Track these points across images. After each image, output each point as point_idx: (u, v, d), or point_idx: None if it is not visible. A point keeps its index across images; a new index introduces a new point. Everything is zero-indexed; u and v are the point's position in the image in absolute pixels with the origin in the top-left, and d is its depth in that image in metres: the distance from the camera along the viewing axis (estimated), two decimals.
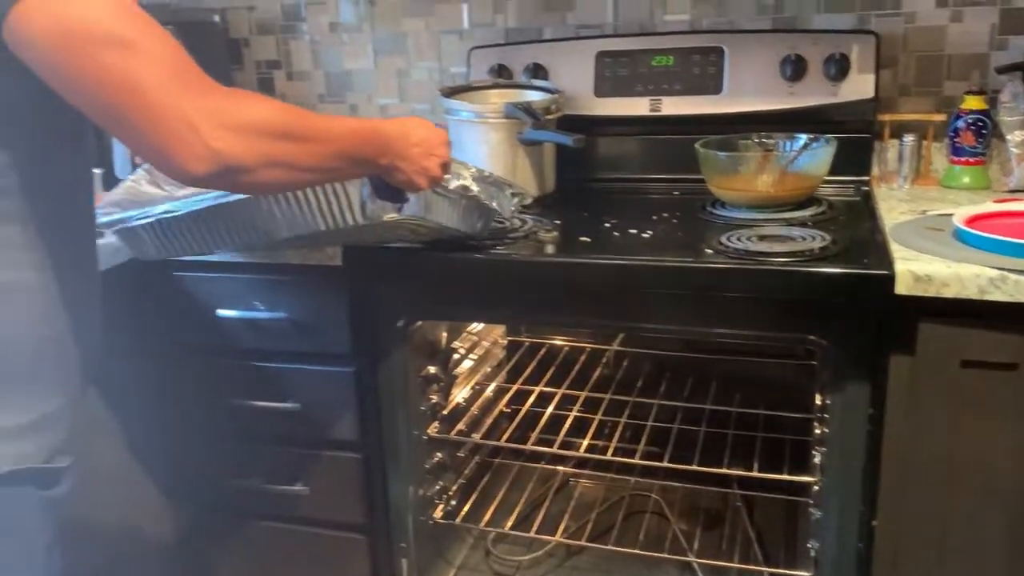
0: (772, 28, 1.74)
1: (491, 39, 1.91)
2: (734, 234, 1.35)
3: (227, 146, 0.83)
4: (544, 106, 1.61)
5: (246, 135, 0.86)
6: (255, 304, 1.51)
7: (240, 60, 2.12)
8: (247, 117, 0.87)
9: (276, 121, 0.90)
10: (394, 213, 1.17)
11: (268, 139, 0.88)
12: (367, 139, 1.05)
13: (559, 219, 1.53)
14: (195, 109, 0.82)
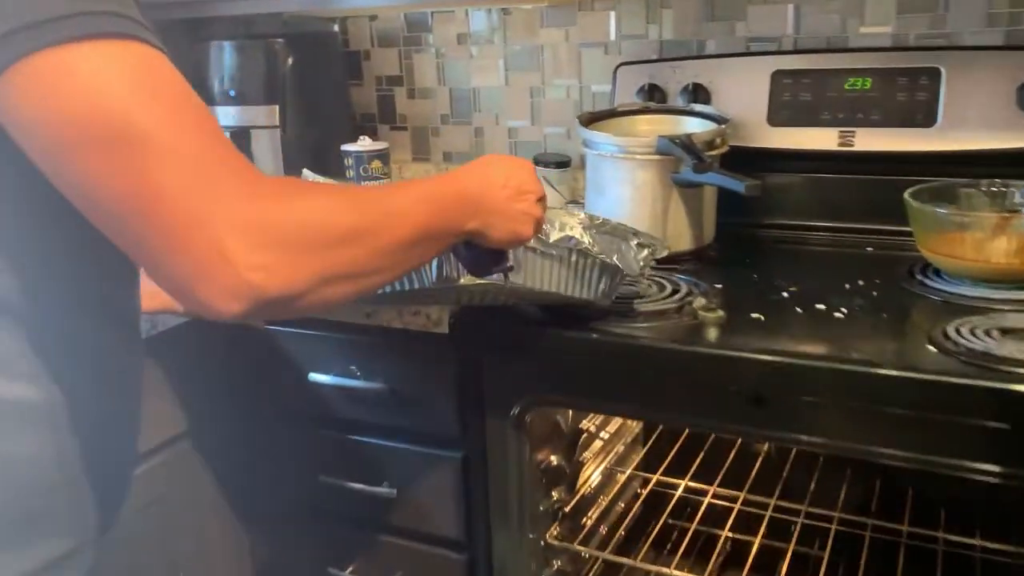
0: (1005, 44, 1.37)
1: (642, 54, 1.62)
2: (964, 323, 1.00)
3: (269, 275, 0.61)
4: (707, 139, 1.31)
5: (296, 251, 0.63)
6: (351, 369, 1.28)
7: (359, 75, 1.92)
8: (297, 225, 0.63)
9: (335, 222, 0.66)
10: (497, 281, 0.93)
11: (325, 250, 0.65)
12: (448, 205, 0.80)
13: (720, 281, 1.23)
14: (229, 223, 0.60)
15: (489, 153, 1.82)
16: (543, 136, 1.77)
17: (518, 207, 0.87)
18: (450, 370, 1.19)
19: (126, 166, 0.59)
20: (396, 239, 0.72)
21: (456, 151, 1.87)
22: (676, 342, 1.02)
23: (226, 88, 1.69)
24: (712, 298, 1.16)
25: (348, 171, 1.67)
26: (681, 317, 1.09)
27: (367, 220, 0.70)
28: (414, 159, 1.92)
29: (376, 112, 1.92)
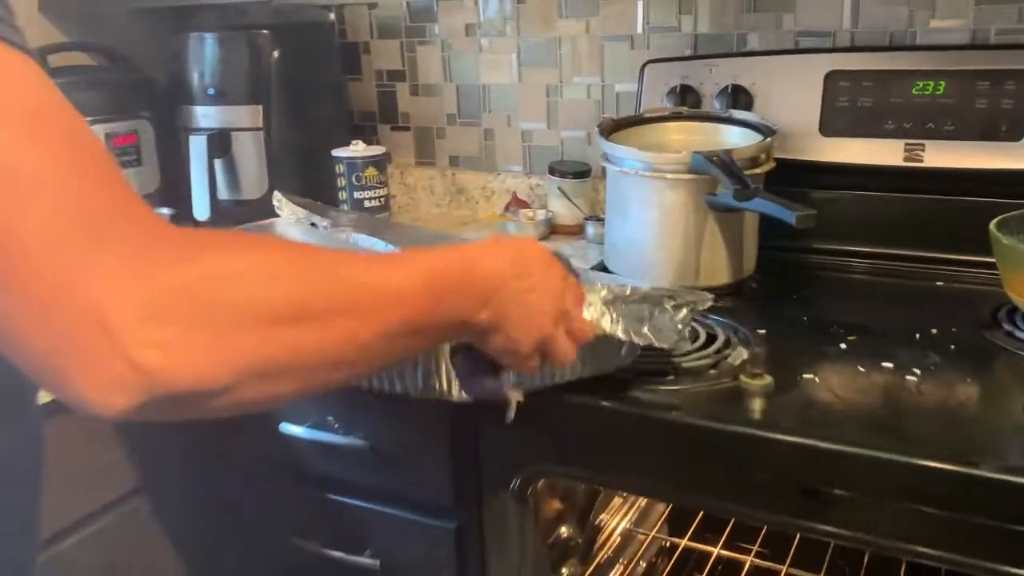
0: None
1: (673, 49, 1.42)
2: None
3: (168, 357, 0.44)
4: (750, 156, 1.10)
5: (213, 327, 0.46)
6: (328, 420, 1.10)
7: (357, 69, 1.73)
8: (218, 290, 0.47)
9: (274, 292, 0.49)
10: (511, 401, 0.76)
11: (256, 328, 0.48)
12: (452, 284, 0.60)
13: (764, 324, 1.03)
14: (113, 284, 0.44)
15: (500, 157, 1.63)
16: (560, 140, 1.57)
17: (540, 321, 0.67)
18: (441, 430, 1.01)
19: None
20: (370, 324, 0.53)
21: (464, 154, 1.67)
22: (712, 419, 0.82)
23: (205, 85, 1.51)
24: (755, 348, 0.96)
25: (339, 179, 1.49)
26: (719, 379, 0.90)
27: (325, 292, 0.52)
28: (418, 163, 1.73)
29: (376, 111, 1.74)
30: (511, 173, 1.62)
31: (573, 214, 1.47)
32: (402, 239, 1.15)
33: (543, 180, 1.55)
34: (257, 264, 0.49)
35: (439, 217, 1.66)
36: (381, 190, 1.49)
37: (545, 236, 1.47)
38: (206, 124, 1.51)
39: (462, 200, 1.67)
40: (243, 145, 1.52)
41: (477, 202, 1.66)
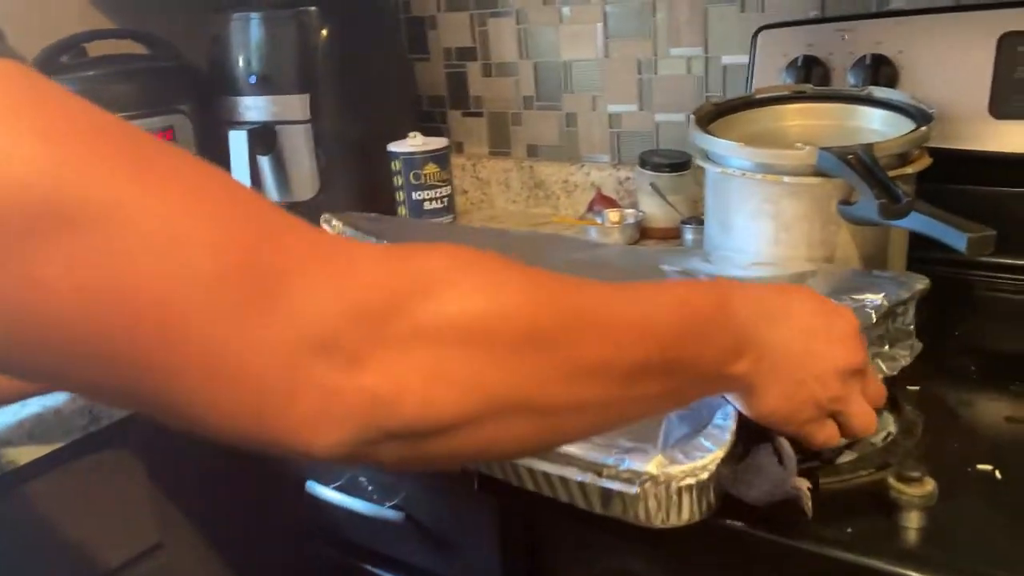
0: None
1: (795, 11, 1.14)
2: None
3: (396, 385, 0.38)
4: (898, 151, 0.83)
5: (444, 350, 0.39)
6: (361, 483, 0.91)
7: (424, 47, 1.52)
8: (444, 311, 0.39)
9: (512, 312, 0.42)
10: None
11: (493, 354, 0.40)
12: (708, 320, 0.51)
13: (916, 380, 0.76)
14: (324, 302, 0.37)
15: (583, 146, 1.40)
16: (655, 125, 1.32)
17: (829, 360, 0.56)
18: (486, 514, 0.80)
19: (90, 259, 0.33)
20: (624, 356, 0.45)
21: (543, 143, 1.45)
22: (843, 547, 0.58)
23: (247, 73, 1.33)
24: (908, 416, 0.70)
25: (396, 178, 1.29)
26: (855, 471, 0.65)
27: (573, 318, 0.44)
28: (491, 153, 1.51)
29: (446, 95, 1.53)
30: (596, 164, 1.39)
31: (668, 215, 1.22)
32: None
33: (634, 173, 1.31)
34: (477, 284, 0.41)
35: (515, 215, 1.44)
36: (443, 189, 1.28)
37: (635, 241, 1.23)
38: (250, 117, 1.34)
39: (541, 196, 1.45)
40: (291, 140, 1.34)
41: (558, 197, 1.43)
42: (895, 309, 0.73)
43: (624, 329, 0.46)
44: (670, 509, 0.57)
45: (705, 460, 0.55)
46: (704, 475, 0.55)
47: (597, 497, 0.58)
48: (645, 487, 0.55)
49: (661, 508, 0.56)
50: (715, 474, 0.55)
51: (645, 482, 0.55)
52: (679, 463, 0.54)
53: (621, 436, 0.57)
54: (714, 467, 0.55)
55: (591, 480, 0.56)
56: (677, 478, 0.54)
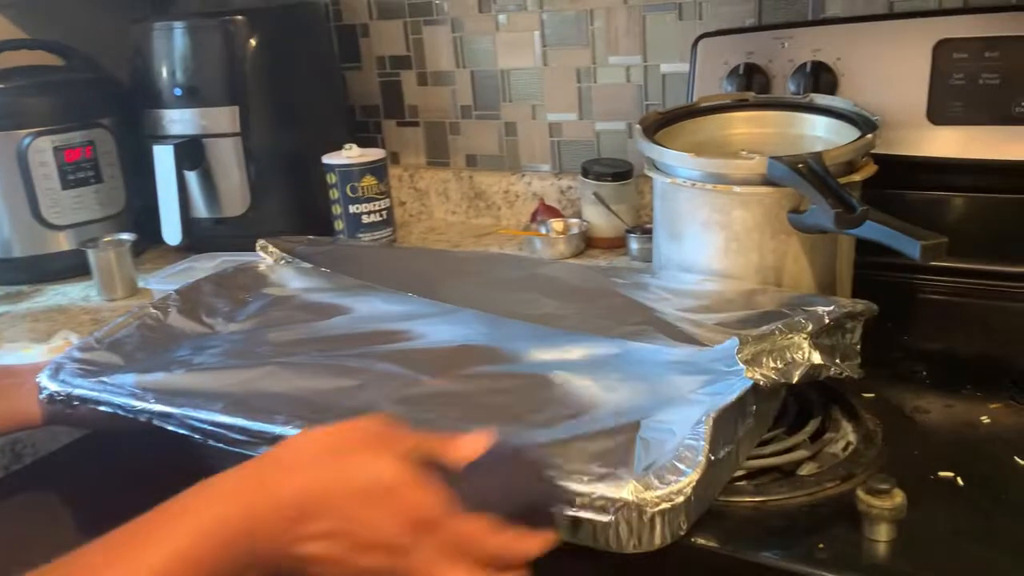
0: None
1: (734, 18, 1.15)
2: None
3: None
4: (847, 159, 0.84)
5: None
6: None
7: (356, 56, 1.48)
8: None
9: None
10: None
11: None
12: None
13: (872, 385, 0.77)
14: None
15: (524, 155, 1.38)
16: (595, 134, 1.31)
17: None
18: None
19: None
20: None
21: (482, 152, 1.42)
22: (816, 563, 0.57)
23: (172, 85, 1.27)
24: (867, 425, 0.70)
25: (332, 191, 1.25)
26: (821, 484, 0.64)
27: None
28: (429, 163, 1.48)
29: (380, 104, 1.49)
30: (538, 174, 1.37)
31: (612, 224, 1.21)
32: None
33: (576, 182, 1.30)
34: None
35: (456, 226, 1.42)
36: (381, 201, 1.25)
37: (580, 251, 1.21)
38: (175, 131, 1.28)
39: (482, 206, 1.42)
40: (219, 154, 1.29)
41: (499, 208, 1.41)
42: (844, 323, 0.73)
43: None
44: (642, 534, 0.55)
45: (681, 484, 0.53)
46: (680, 499, 0.53)
47: (566, 526, 0.56)
48: (619, 515, 0.53)
49: (633, 534, 0.55)
50: (690, 498, 0.54)
51: (619, 509, 0.53)
52: (654, 488, 0.53)
53: (592, 462, 0.56)
54: (690, 490, 0.53)
55: (562, 510, 0.54)
56: (652, 503, 0.53)
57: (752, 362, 0.62)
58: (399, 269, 0.97)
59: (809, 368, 0.64)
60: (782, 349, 0.64)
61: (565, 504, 0.53)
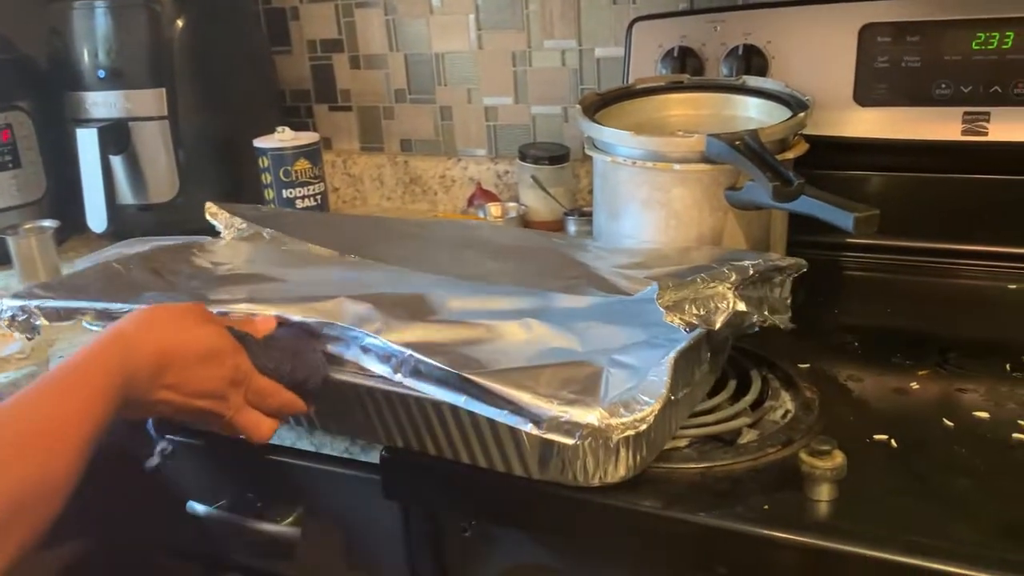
0: None
1: (666, 3, 1.16)
2: None
3: None
4: (780, 137, 0.86)
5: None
6: (249, 497, 0.85)
7: (286, 40, 1.45)
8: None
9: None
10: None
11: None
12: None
13: (808, 355, 0.79)
14: None
15: (460, 140, 1.38)
16: (531, 118, 1.32)
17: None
18: (390, 522, 0.76)
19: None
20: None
21: (418, 137, 1.41)
22: (761, 523, 0.58)
23: (95, 66, 1.23)
24: (804, 393, 0.73)
25: (264, 175, 1.22)
26: (763, 449, 0.66)
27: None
28: (363, 148, 1.46)
29: (312, 89, 1.47)
30: (474, 158, 1.37)
31: (550, 207, 1.22)
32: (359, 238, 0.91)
33: (512, 166, 1.30)
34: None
35: (391, 212, 1.41)
36: (316, 186, 1.23)
37: None
38: (99, 114, 1.24)
39: (417, 192, 1.42)
40: (146, 138, 1.25)
41: (435, 193, 1.40)
42: (772, 276, 0.75)
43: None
44: (607, 465, 0.59)
45: (644, 413, 0.55)
46: (643, 427, 0.55)
47: (535, 457, 0.59)
48: (586, 440, 0.55)
49: (599, 466, 0.58)
50: (652, 426, 0.56)
51: (587, 435, 0.55)
52: (620, 416, 0.55)
53: (563, 388, 0.57)
54: (652, 419, 0.56)
55: (531, 430, 0.56)
56: (618, 429, 0.55)
57: (674, 308, 0.64)
58: (343, 233, 0.96)
59: (732, 315, 0.66)
60: (706, 298, 0.66)
61: (327, 373, 0.66)
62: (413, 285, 0.77)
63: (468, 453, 0.65)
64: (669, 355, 0.60)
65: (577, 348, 0.64)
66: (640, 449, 0.60)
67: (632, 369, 0.60)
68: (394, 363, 0.63)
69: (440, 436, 0.65)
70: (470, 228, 1.03)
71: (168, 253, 0.88)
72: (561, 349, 0.64)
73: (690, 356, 0.64)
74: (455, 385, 0.60)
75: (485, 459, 0.64)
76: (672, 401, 0.59)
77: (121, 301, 0.74)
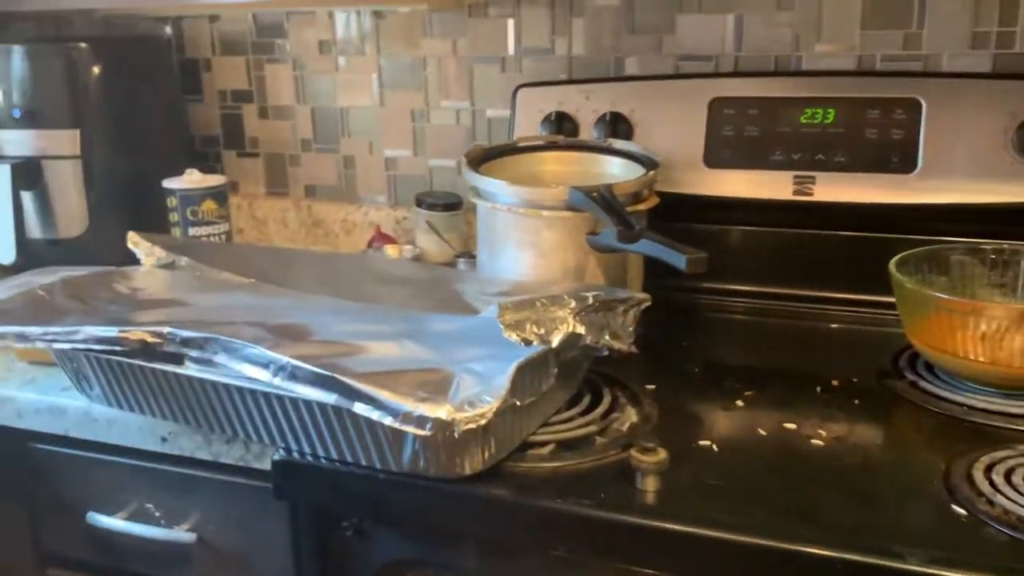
0: (994, 72, 1.11)
1: (548, 73, 1.30)
2: (992, 461, 0.72)
3: None
4: (632, 191, 1.00)
5: None
6: (148, 509, 0.92)
7: (198, 89, 1.54)
8: None
9: None
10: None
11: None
12: None
13: (653, 379, 0.91)
14: None
15: (361, 187, 1.48)
16: (428, 169, 1.43)
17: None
18: (277, 523, 0.84)
19: None
20: None
21: (321, 183, 1.51)
22: (597, 506, 0.69)
23: (10, 107, 1.29)
24: (646, 408, 0.84)
25: (172, 214, 1.30)
26: (606, 451, 0.77)
27: None
28: (268, 193, 1.55)
29: (220, 135, 1.55)
30: (374, 205, 1.47)
31: (443, 250, 1.33)
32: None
33: (410, 213, 1.41)
34: None
35: None
36: (221, 226, 1.31)
37: None
38: (12, 151, 1.30)
39: (320, 234, 1.51)
40: (58, 175, 1.31)
41: (337, 236, 1.50)
42: (614, 305, 0.85)
43: None
44: (458, 457, 0.69)
45: (483, 410, 0.66)
46: (483, 422, 0.66)
47: (395, 449, 0.69)
48: (436, 431, 0.65)
49: (451, 458, 0.69)
50: (492, 422, 0.67)
51: (436, 428, 0.65)
52: (464, 411, 0.66)
53: (419, 389, 0.68)
54: (492, 415, 0.66)
55: (390, 422, 0.66)
56: (462, 422, 0.65)
57: (514, 327, 0.74)
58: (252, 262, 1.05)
59: (569, 336, 0.76)
60: (546, 320, 0.76)
61: None
62: (307, 310, 0.87)
63: (338, 451, 0.74)
64: (512, 365, 0.71)
65: (436, 359, 0.74)
66: (488, 446, 0.70)
67: (479, 376, 0.71)
68: (272, 368, 0.72)
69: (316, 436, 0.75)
70: (368, 259, 1.13)
71: (90, 280, 0.95)
72: (422, 359, 0.74)
73: (534, 369, 0.74)
74: (327, 386, 0.69)
75: (353, 455, 0.74)
76: (517, 406, 0.70)
77: (43, 324, 0.81)
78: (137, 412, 0.84)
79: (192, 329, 0.76)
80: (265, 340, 0.76)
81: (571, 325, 0.76)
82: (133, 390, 0.83)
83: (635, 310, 0.87)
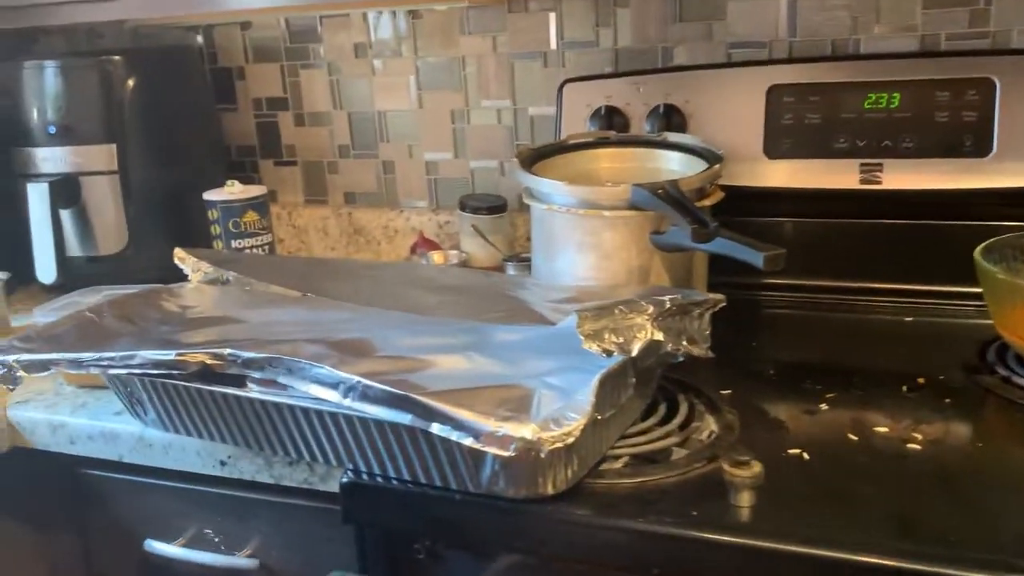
0: None
1: (593, 66, 1.26)
2: None
3: None
4: (697, 186, 0.95)
5: None
6: (207, 534, 0.89)
7: (232, 98, 1.51)
8: None
9: None
10: None
11: None
12: None
13: (728, 383, 0.87)
14: None
15: (402, 192, 1.45)
16: (470, 172, 1.39)
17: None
18: (341, 547, 0.81)
19: None
20: None
21: (361, 191, 1.48)
22: (697, 527, 0.65)
23: (45, 123, 1.27)
24: (726, 415, 0.80)
25: (214, 227, 1.27)
26: (691, 464, 0.73)
27: None
28: (307, 202, 1.52)
29: (256, 144, 1.52)
30: (416, 209, 1.44)
31: (490, 254, 1.29)
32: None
33: (453, 216, 1.37)
34: None
35: None
36: (264, 236, 1.28)
37: None
38: (47, 169, 1.27)
39: (361, 242, 1.47)
40: (95, 191, 1.28)
41: (379, 243, 1.46)
42: (690, 309, 0.82)
43: None
44: (541, 478, 0.65)
45: (570, 427, 0.62)
46: (570, 440, 0.62)
47: (473, 469, 0.66)
48: (520, 451, 0.61)
49: (534, 479, 0.65)
50: (579, 440, 0.63)
51: (520, 448, 0.61)
52: (550, 431, 0.62)
53: (499, 407, 0.64)
54: (579, 434, 0.62)
55: (471, 443, 0.62)
56: (548, 442, 0.61)
57: (592, 336, 0.70)
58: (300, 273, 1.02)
59: (650, 343, 0.72)
60: (624, 328, 0.72)
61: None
62: (365, 323, 0.83)
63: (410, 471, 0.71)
64: (595, 378, 0.67)
65: (511, 373, 0.70)
66: (571, 463, 0.66)
67: (561, 390, 0.66)
68: (342, 389, 0.68)
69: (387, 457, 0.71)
70: (415, 268, 1.09)
71: (138, 299, 0.92)
72: (495, 374, 0.70)
73: (615, 380, 0.70)
74: (401, 406, 0.65)
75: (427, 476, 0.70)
76: (599, 420, 0.66)
77: (96, 350, 0.77)
78: (195, 436, 0.81)
79: (253, 350, 0.73)
80: (328, 357, 0.72)
81: (650, 332, 0.72)
82: (191, 413, 0.80)
83: (710, 313, 0.83)
